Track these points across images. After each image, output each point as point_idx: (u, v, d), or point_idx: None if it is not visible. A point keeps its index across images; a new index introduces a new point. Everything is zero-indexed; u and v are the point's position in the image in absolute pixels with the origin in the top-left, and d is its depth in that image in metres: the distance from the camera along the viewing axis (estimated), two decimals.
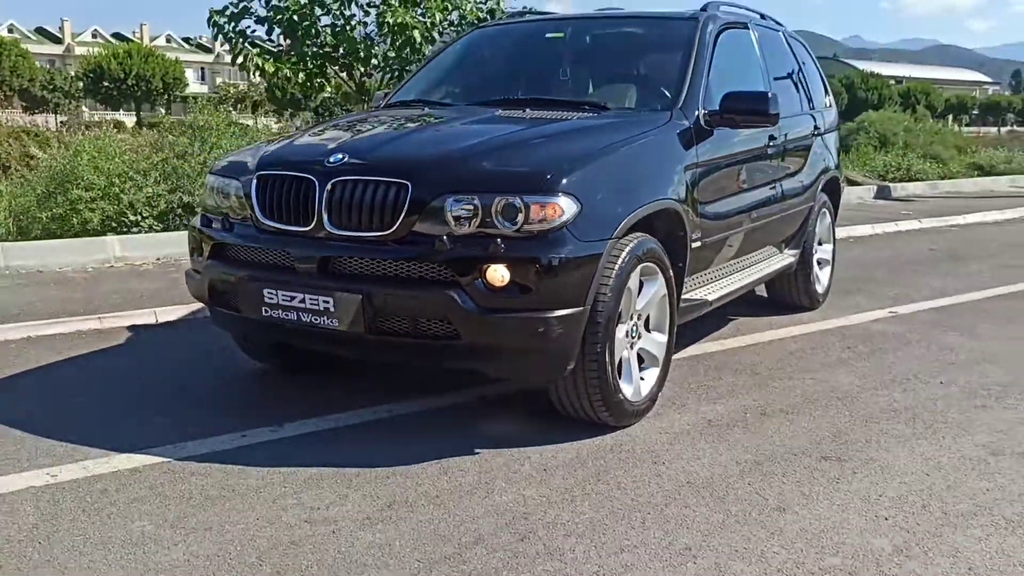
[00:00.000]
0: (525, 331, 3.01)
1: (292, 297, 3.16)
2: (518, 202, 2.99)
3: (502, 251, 2.95)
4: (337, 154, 3.24)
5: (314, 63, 9.79)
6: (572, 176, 3.11)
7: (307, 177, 3.21)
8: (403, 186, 3.07)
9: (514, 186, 3.04)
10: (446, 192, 3.04)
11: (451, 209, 3.02)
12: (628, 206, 3.29)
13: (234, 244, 3.43)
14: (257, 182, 3.35)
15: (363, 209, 3.10)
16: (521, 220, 2.99)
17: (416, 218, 3.05)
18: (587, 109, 4.00)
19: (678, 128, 3.82)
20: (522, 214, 2.99)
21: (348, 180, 3.14)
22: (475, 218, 3.00)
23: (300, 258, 3.19)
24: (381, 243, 3.09)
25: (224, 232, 3.47)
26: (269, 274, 3.27)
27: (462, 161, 3.21)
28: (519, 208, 2.99)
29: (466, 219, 3.01)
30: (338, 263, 3.15)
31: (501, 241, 2.96)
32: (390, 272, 3.09)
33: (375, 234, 3.09)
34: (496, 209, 2.99)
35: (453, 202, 3.02)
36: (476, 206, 3.00)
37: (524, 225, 2.99)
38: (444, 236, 3.00)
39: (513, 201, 2.99)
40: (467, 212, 3.01)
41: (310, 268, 3.17)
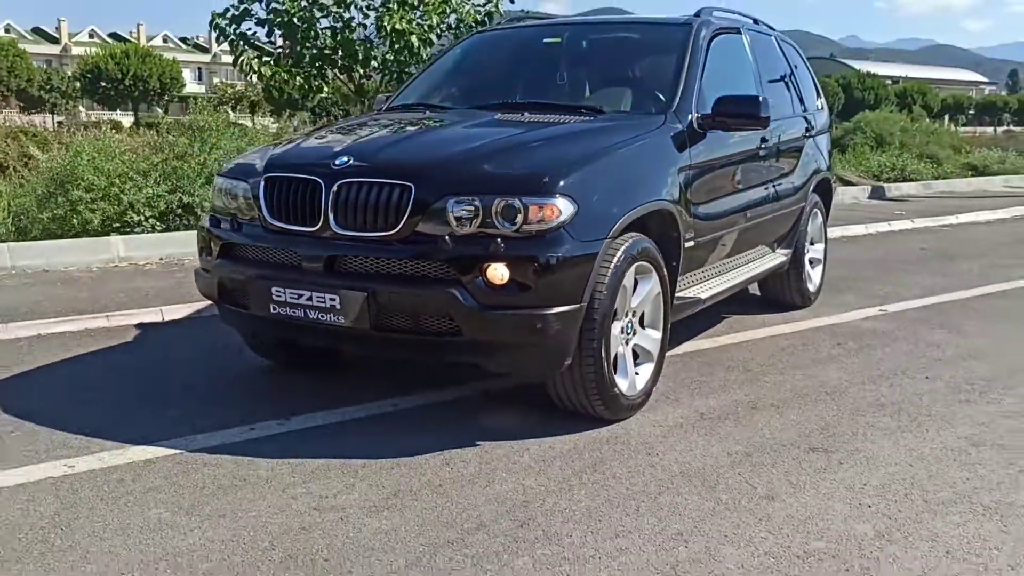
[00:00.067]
0: (524, 327, 3.12)
1: (299, 295, 3.27)
2: (517, 203, 3.11)
3: (502, 250, 3.06)
4: (343, 157, 3.36)
5: (312, 65, 9.91)
6: (569, 178, 3.22)
7: (314, 179, 3.33)
8: (407, 188, 3.19)
9: (513, 188, 3.15)
10: (448, 194, 3.15)
11: (453, 210, 3.13)
12: (623, 207, 3.41)
13: (242, 244, 3.54)
14: (265, 184, 3.47)
15: (368, 210, 3.22)
16: (520, 220, 3.10)
17: (419, 219, 3.16)
18: (583, 113, 4.11)
19: (672, 131, 3.94)
20: (521, 215, 3.10)
21: (353, 182, 3.26)
22: (476, 219, 3.12)
23: (307, 257, 3.31)
24: (385, 243, 3.21)
25: (233, 232, 3.58)
26: (277, 272, 3.38)
27: (463, 164, 3.32)
28: (518, 209, 3.10)
29: (467, 219, 3.12)
30: (344, 262, 3.27)
31: (501, 241, 3.07)
32: (394, 271, 3.20)
33: (379, 234, 3.20)
34: (496, 210, 3.11)
35: (455, 203, 3.14)
36: (477, 207, 3.12)
37: (523, 225, 3.10)
38: (446, 236, 3.12)
39: (512, 202, 3.11)
40: (468, 213, 3.13)
41: (317, 267, 3.28)
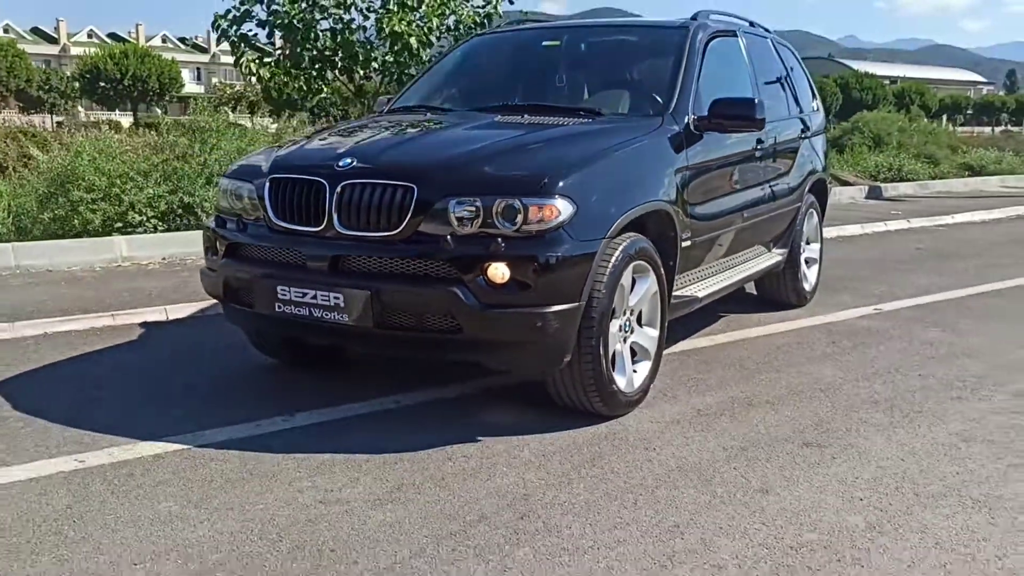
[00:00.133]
0: (524, 325, 3.19)
1: (304, 293, 3.34)
2: (517, 204, 3.18)
3: (502, 250, 3.13)
4: (346, 158, 3.43)
5: (312, 67, 9.99)
6: (568, 179, 3.29)
7: (318, 180, 3.40)
8: (409, 189, 3.25)
9: (513, 189, 3.22)
10: (450, 194, 3.22)
11: (454, 210, 3.20)
12: (621, 207, 3.48)
13: (248, 244, 3.61)
14: (270, 185, 3.53)
15: (371, 210, 3.29)
16: (520, 221, 3.17)
17: (421, 219, 3.23)
18: (582, 115, 4.19)
19: (669, 133, 4.01)
20: (521, 215, 3.17)
21: (357, 183, 3.33)
22: (477, 219, 3.19)
23: (312, 256, 3.38)
24: (388, 242, 3.27)
25: (238, 232, 3.65)
26: (282, 272, 3.45)
27: (464, 165, 3.39)
28: (518, 209, 3.17)
29: (468, 220, 3.19)
30: (348, 261, 3.33)
31: (501, 240, 3.14)
32: (397, 270, 3.27)
33: (382, 234, 3.27)
34: (497, 210, 3.18)
35: (456, 204, 3.20)
36: (478, 207, 3.19)
37: (523, 225, 3.17)
38: (448, 236, 3.18)
39: (513, 203, 3.18)
40: (469, 213, 3.19)
41: (321, 266, 3.35)
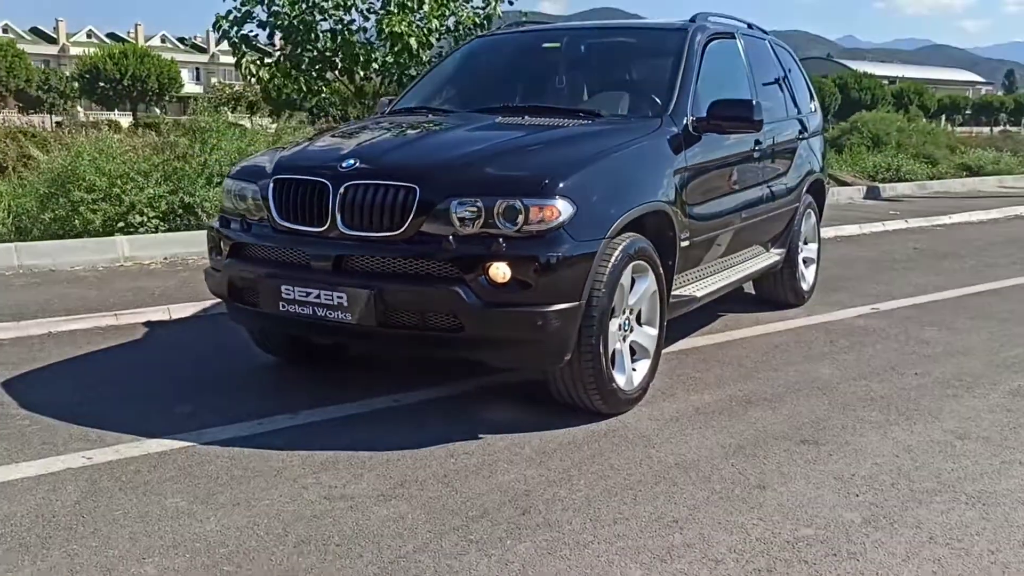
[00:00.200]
0: (525, 324, 3.23)
1: (308, 293, 3.38)
2: (518, 204, 3.22)
3: (504, 250, 3.18)
4: (349, 160, 3.48)
5: (312, 68, 10.03)
6: (568, 180, 3.34)
7: (321, 181, 3.44)
8: (411, 189, 3.30)
9: (514, 190, 3.27)
10: (451, 195, 3.26)
11: (456, 211, 3.25)
12: (620, 208, 3.52)
13: (252, 243, 3.66)
14: (274, 186, 3.58)
15: (374, 211, 3.33)
16: (521, 221, 3.22)
17: (423, 219, 3.28)
18: (582, 116, 4.24)
19: (668, 134, 4.05)
20: (522, 215, 3.22)
21: (360, 184, 3.37)
22: (478, 219, 3.23)
23: (315, 256, 3.42)
24: (391, 242, 3.32)
25: (242, 232, 3.69)
26: (286, 271, 3.49)
27: (466, 166, 3.44)
28: (519, 210, 3.22)
29: (470, 220, 3.24)
30: (351, 261, 3.38)
31: (503, 241, 3.19)
32: (399, 269, 3.31)
33: (385, 234, 3.32)
34: (498, 211, 3.22)
35: (458, 204, 3.25)
36: (479, 208, 3.23)
37: (524, 226, 3.22)
38: (450, 236, 3.23)
39: (514, 203, 3.22)
40: (471, 214, 3.24)
41: (325, 266, 3.39)
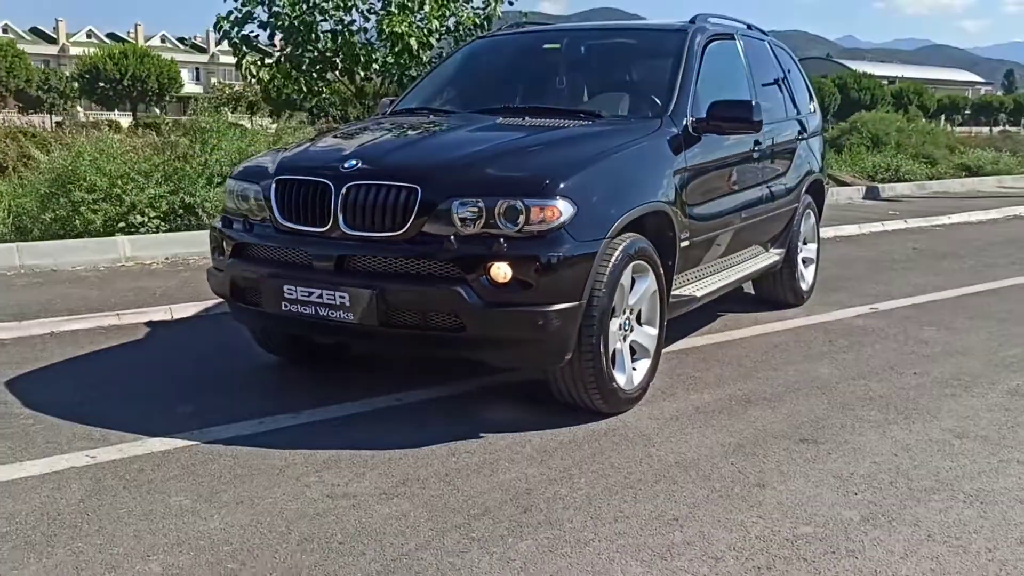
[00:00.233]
0: (526, 324, 3.25)
1: (310, 293, 3.40)
2: (519, 205, 3.24)
3: (505, 250, 3.20)
4: (351, 160, 3.50)
5: (313, 68, 10.06)
6: (569, 181, 3.36)
7: (324, 181, 3.46)
8: (413, 190, 3.32)
9: (515, 190, 3.29)
10: (453, 195, 3.28)
11: (457, 211, 3.27)
12: (621, 208, 3.54)
13: (254, 244, 3.67)
14: (276, 186, 3.60)
15: (376, 211, 3.35)
16: (522, 221, 3.24)
17: (425, 219, 3.30)
18: (582, 117, 4.26)
19: (668, 135, 4.07)
20: (523, 216, 3.24)
21: (362, 184, 3.39)
22: (480, 219, 3.25)
23: (317, 256, 3.44)
24: (393, 242, 3.34)
25: (245, 232, 3.71)
26: (288, 271, 3.51)
27: (467, 167, 3.46)
28: (520, 210, 3.24)
29: (471, 220, 3.26)
30: (353, 261, 3.40)
31: (504, 241, 3.21)
32: (401, 269, 3.34)
33: (387, 234, 3.34)
34: (499, 211, 3.24)
35: (459, 205, 3.27)
36: (481, 208, 3.25)
37: (525, 226, 3.24)
38: (451, 236, 3.25)
39: (515, 204, 3.24)
40: (472, 214, 3.26)
41: (327, 266, 3.42)
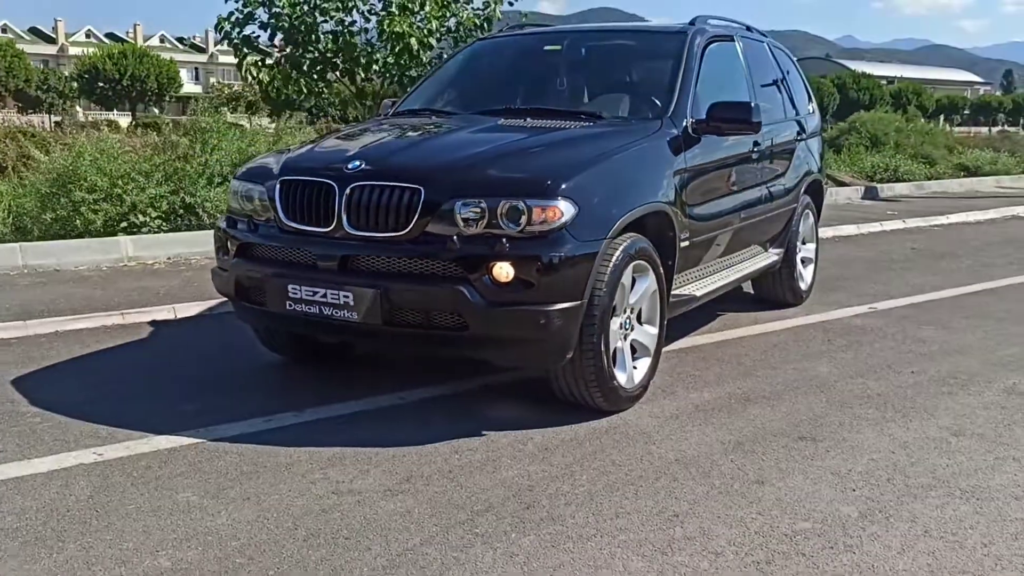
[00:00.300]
0: (528, 323, 3.29)
1: (314, 292, 3.44)
2: (521, 205, 3.28)
3: (507, 250, 3.24)
4: (355, 161, 3.53)
5: (314, 68, 10.10)
6: (570, 181, 3.40)
7: (327, 182, 3.50)
8: (416, 190, 3.36)
9: (517, 191, 3.33)
10: (455, 196, 3.32)
11: (460, 211, 3.31)
12: (621, 209, 3.58)
13: (259, 244, 3.71)
14: (280, 187, 3.64)
15: (380, 211, 3.39)
16: (524, 222, 3.27)
17: (428, 220, 3.34)
18: (583, 118, 4.29)
19: (668, 136, 4.11)
20: (525, 216, 3.27)
21: (366, 185, 3.43)
22: (482, 220, 3.29)
23: (322, 256, 3.48)
24: (396, 242, 3.38)
25: (249, 233, 3.75)
26: (293, 271, 3.55)
27: (470, 168, 3.50)
28: (522, 211, 3.28)
29: (474, 220, 3.30)
30: (357, 261, 3.44)
31: (506, 241, 3.25)
32: (404, 269, 3.37)
33: (390, 234, 3.38)
34: (501, 212, 3.28)
35: (462, 205, 3.31)
36: (483, 209, 3.29)
37: (527, 226, 3.27)
38: (454, 236, 3.29)
39: (517, 204, 3.28)
40: (475, 214, 3.30)
41: (331, 265, 3.45)
